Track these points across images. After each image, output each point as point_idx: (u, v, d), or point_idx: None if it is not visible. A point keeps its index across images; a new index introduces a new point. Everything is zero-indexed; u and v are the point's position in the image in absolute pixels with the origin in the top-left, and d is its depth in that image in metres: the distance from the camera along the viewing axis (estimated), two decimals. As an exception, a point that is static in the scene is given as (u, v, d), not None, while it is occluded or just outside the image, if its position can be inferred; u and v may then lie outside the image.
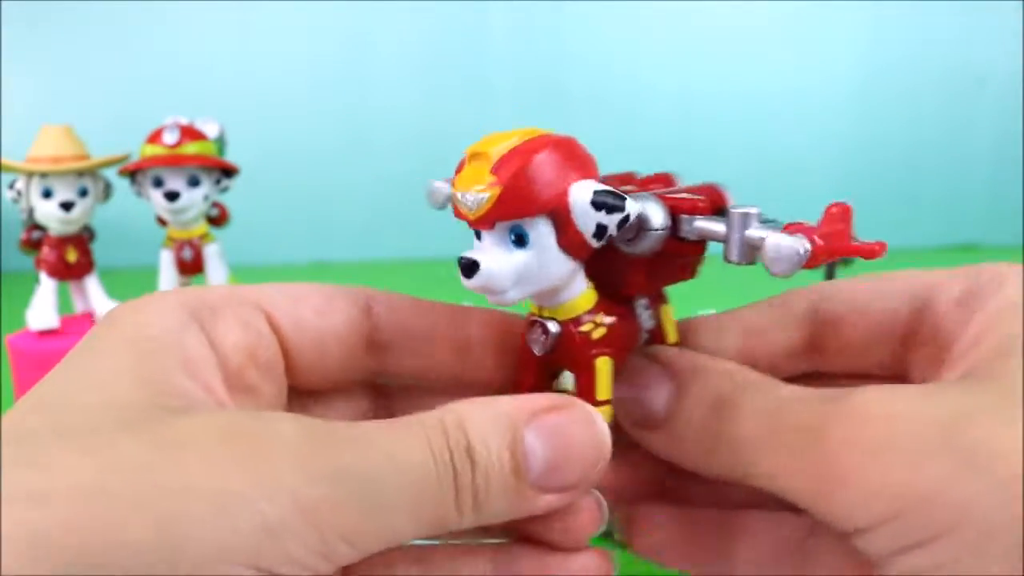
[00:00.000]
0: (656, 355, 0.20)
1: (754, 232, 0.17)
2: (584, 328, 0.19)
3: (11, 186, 0.54)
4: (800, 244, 0.16)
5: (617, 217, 0.17)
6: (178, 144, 0.52)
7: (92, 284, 0.57)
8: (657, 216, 0.18)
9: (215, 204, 0.57)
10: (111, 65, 1.49)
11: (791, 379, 0.21)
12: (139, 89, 1.46)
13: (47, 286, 0.56)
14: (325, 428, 0.15)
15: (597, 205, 0.17)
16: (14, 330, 0.56)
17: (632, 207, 0.17)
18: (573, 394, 0.19)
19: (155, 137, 0.53)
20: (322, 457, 0.14)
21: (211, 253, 0.56)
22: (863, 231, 0.19)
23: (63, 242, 0.56)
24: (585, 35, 1.47)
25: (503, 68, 1.48)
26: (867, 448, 0.15)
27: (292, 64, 1.48)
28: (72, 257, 0.56)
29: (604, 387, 0.19)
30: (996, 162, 1.48)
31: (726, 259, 0.18)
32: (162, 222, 0.56)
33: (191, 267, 0.56)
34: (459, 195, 0.18)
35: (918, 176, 1.49)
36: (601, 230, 0.17)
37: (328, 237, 1.52)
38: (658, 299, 0.21)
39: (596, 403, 0.19)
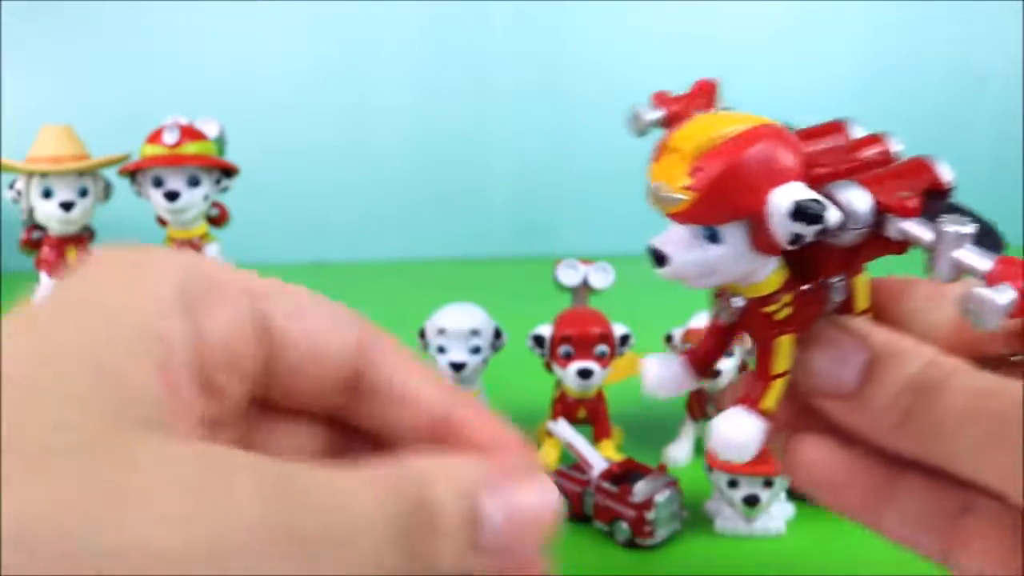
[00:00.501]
0: (850, 327, 0.20)
1: (963, 257, 0.16)
2: (769, 308, 0.19)
3: (11, 186, 0.54)
4: (1005, 294, 0.15)
5: (816, 227, 0.16)
6: (178, 144, 0.52)
7: (92, 284, 0.57)
8: (863, 214, 0.17)
9: (215, 204, 0.57)
10: (111, 65, 1.49)
11: (987, 364, 0.21)
12: (139, 89, 1.46)
13: (47, 286, 0.56)
14: (283, 486, 0.14)
15: (796, 216, 0.16)
16: (14, 330, 0.56)
17: (833, 217, 0.17)
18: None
19: (155, 137, 0.53)
20: (275, 518, 0.13)
21: (211, 253, 0.56)
22: None
23: (63, 242, 0.56)
24: (585, 35, 1.47)
25: (503, 69, 1.48)
26: None
27: (292, 64, 1.48)
28: (72, 257, 0.56)
29: (782, 363, 0.19)
30: (996, 162, 1.48)
31: (927, 271, 0.17)
32: (162, 222, 0.56)
33: (191, 267, 0.56)
34: (654, 186, 0.17)
35: (918, 176, 1.49)
36: (797, 238, 0.17)
37: (328, 237, 1.52)
38: (855, 271, 0.21)
39: (771, 377, 0.19)
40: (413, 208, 1.52)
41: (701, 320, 0.52)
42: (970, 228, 0.17)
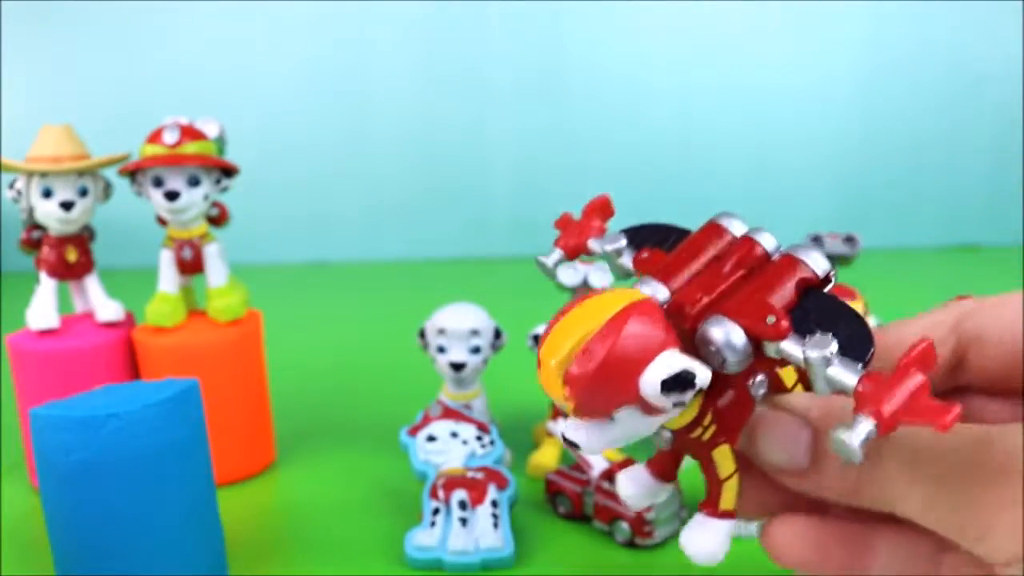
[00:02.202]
0: (784, 405, 0.21)
1: (834, 376, 0.17)
2: (694, 435, 0.20)
3: (11, 186, 0.54)
4: (860, 432, 0.16)
5: (691, 392, 0.18)
6: (178, 144, 0.52)
7: (92, 284, 0.57)
8: (737, 348, 0.18)
9: (215, 204, 0.57)
10: (111, 65, 1.49)
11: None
12: (139, 89, 1.46)
13: (47, 286, 0.56)
14: None
15: (668, 391, 0.17)
16: (14, 330, 0.56)
17: (703, 377, 0.18)
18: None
19: (155, 137, 0.53)
20: None
21: (211, 253, 0.56)
22: (863, 230, 0.19)
23: (63, 242, 0.56)
24: (584, 33, 1.47)
25: (502, 70, 1.48)
26: (1011, 497, 0.16)
27: (292, 64, 1.48)
28: (72, 257, 0.56)
29: (726, 467, 0.21)
30: (996, 162, 1.48)
31: (812, 387, 0.19)
32: (162, 222, 0.56)
33: (191, 267, 0.56)
34: (551, 397, 0.19)
35: (918, 176, 1.49)
36: (679, 403, 0.18)
37: (328, 237, 1.52)
38: (772, 365, 0.22)
39: (723, 480, 0.21)
40: (413, 208, 1.52)
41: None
42: (832, 347, 0.18)
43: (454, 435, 0.51)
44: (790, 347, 0.18)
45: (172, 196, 0.53)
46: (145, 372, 0.55)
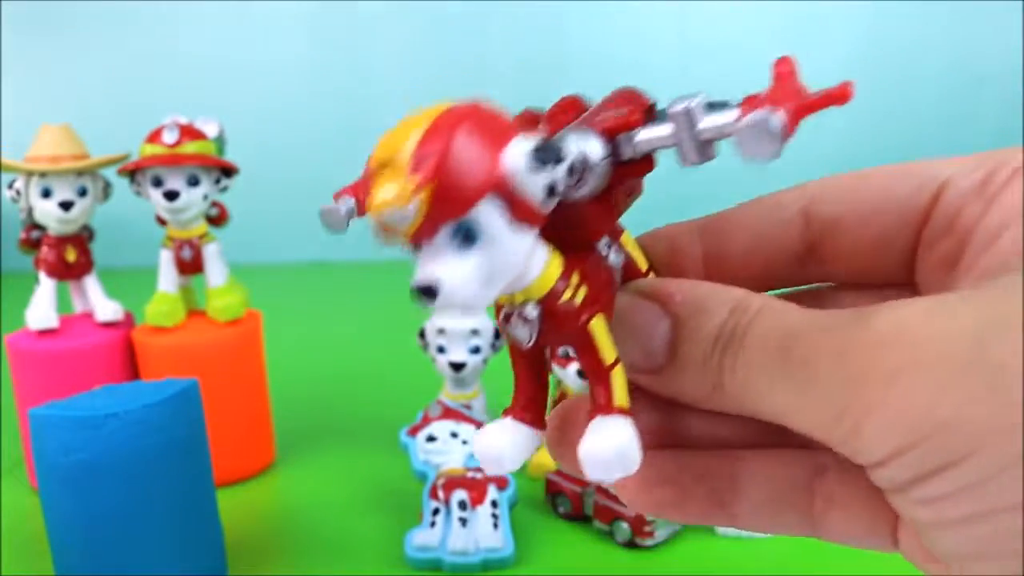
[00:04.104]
0: (642, 291, 0.18)
1: (707, 124, 0.15)
2: (565, 297, 0.17)
3: (10, 186, 0.54)
4: (769, 115, 0.14)
5: (563, 167, 0.15)
6: (177, 144, 0.52)
7: (91, 284, 0.57)
8: (595, 147, 0.16)
9: (214, 204, 0.57)
10: (111, 65, 1.49)
11: (792, 296, 0.20)
12: (139, 89, 1.46)
13: (46, 286, 0.55)
14: None
15: (538, 163, 0.15)
16: (14, 330, 0.56)
17: (573, 147, 0.16)
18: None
19: (155, 137, 0.53)
20: None
21: (211, 253, 0.56)
22: None
23: (62, 241, 0.56)
24: (585, 28, 1.47)
25: (503, 67, 1.48)
26: (884, 378, 0.14)
27: (292, 64, 1.48)
28: (71, 257, 0.56)
29: (609, 349, 0.17)
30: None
31: (682, 163, 0.16)
32: (162, 222, 0.56)
33: (191, 266, 0.56)
34: (381, 215, 0.15)
35: (918, 176, 1.49)
36: (551, 188, 0.15)
37: (328, 237, 1.51)
38: (615, 232, 0.19)
39: (608, 368, 0.17)
40: (413, 208, 1.52)
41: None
42: (697, 99, 0.16)
43: (454, 435, 0.51)
44: (650, 130, 0.16)
45: (172, 196, 0.53)
46: (145, 372, 0.55)
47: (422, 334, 0.58)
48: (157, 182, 0.53)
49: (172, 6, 1.45)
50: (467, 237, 0.15)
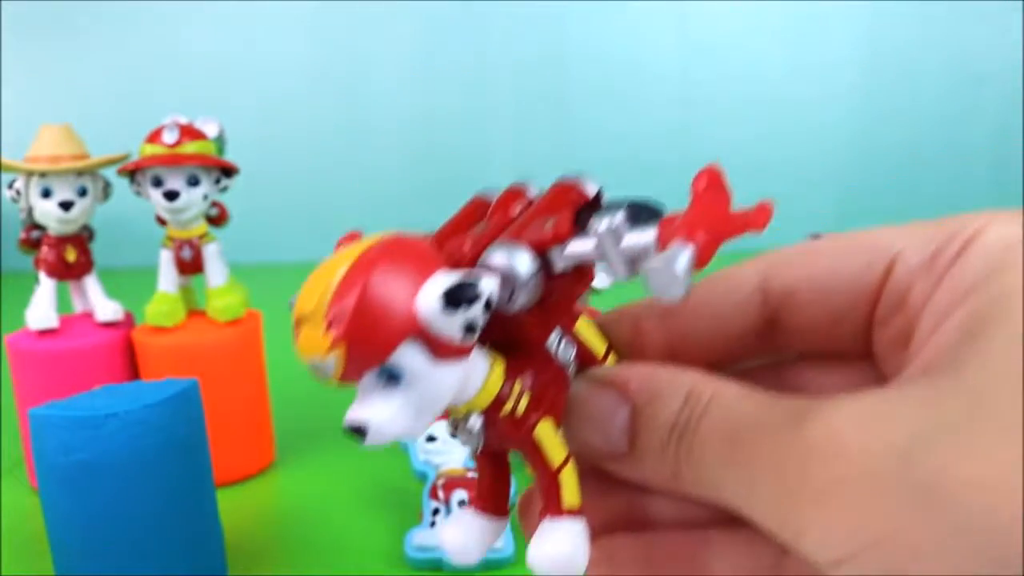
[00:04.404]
0: (599, 379, 0.18)
1: (629, 242, 0.15)
2: (507, 408, 0.17)
3: (10, 185, 0.54)
4: (677, 257, 0.14)
5: (478, 305, 0.15)
6: (177, 143, 0.52)
7: (91, 284, 0.57)
8: (523, 265, 0.16)
9: (214, 203, 0.57)
10: (111, 65, 1.49)
11: (748, 372, 0.19)
12: (139, 89, 1.46)
13: (46, 286, 0.55)
14: None
15: (451, 306, 0.15)
16: (14, 330, 0.56)
17: (488, 285, 0.15)
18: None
19: (155, 136, 0.53)
20: None
21: (211, 252, 0.56)
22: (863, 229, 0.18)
23: (62, 241, 0.56)
24: (584, 26, 1.47)
25: (502, 66, 1.48)
26: (816, 495, 0.14)
27: (292, 64, 1.48)
28: (71, 256, 0.56)
29: (556, 452, 0.17)
30: (996, 162, 1.48)
31: (611, 278, 0.16)
32: (162, 222, 0.56)
33: (191, 266, 0.56)
34: (309, 366, 0.15)
35: (918, 176, 1.49)
36: (470, 326, 0.15)
37: (328, 237, 1.51)
38: (568, 321, 0.19)
39: (557, 470, 0.17)
40: (413, 206, 1.52)
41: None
42: (620, 215, 0.16)
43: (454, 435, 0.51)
44: (577, 245, 0.16)
45: (172, 196, 0.53)
46: (145, 372, 0.55)
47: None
48: (157, 182, 0.53)
49: (172, 6, 1.45)
50: (391, 378, 0.15)
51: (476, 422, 0.17)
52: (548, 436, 0.17)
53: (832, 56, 1.45)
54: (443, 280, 0.15)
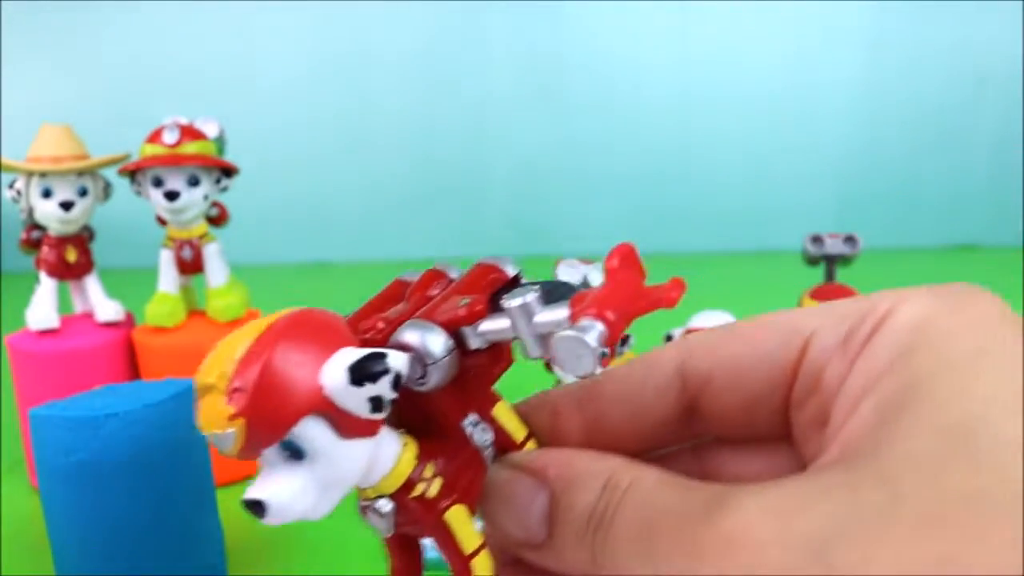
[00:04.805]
0: (517, 465, 0.18)
1: (542, 319, 0.15)
2: (417, 492, 0.17)
3: (11, 186, 0.54)
4: (587, 331, 0.14)
5: (386, 381, 0.15)
6: (178, 144, 0.52)
7: (92, 284, 0.57)
8: (436, 343, 0.16)
9: (215, 204, 0.57)
10: (110, 65, 1.49)
11: (669, 456, 0.20)
12: (139, 89, 1.46)
13: (47, 286, 0.56)
14: None
15: (357, 381, 0.15)
16: (14, 330, 0.56)
17: (397, 361, 0.15)
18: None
19: (155, 137, 0.53)
20: None
21: (211, 253, 0.56)
22: (863, 230, 0.18)
23: (63, 242, 0.56)
24: (583, 35, 1.47)
25: (502, 73, 1.48)
26: None
27: (292, 65, 1.48)
28: (72, 257, 0.56)
29: (468, 537, 0.17)
30: (996, 162, 1.49)
31: (525, 356, 0.16)
32: (162, 222, 0.56)
33: (191, 267, 0.56)
34: (209, 438, 0.15)
35: (918, 176, 1.49)
36: (376, 402, 0.15)
37: (328, 237, 1.52)
38: (485, 405, 0.19)
39: (469, 557, 0.17)
40: (413, 208, 1.52)
41: (701, 320, 0.52)
42: (532, 293, 0.16)
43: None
44: (490, 323, 0.16)
45: (172, 196, 0.53)
46: (145, 372, 0.55)
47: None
48: (157, 182, 0.53)
49: (173, 6, 1.45)
50: (294, 454, 0.15)
51: (387, 505, 0.17)
52: (461, 522, 0.17)
53: (833, 55, 1.45)
54: (350, 354, 0.15)
